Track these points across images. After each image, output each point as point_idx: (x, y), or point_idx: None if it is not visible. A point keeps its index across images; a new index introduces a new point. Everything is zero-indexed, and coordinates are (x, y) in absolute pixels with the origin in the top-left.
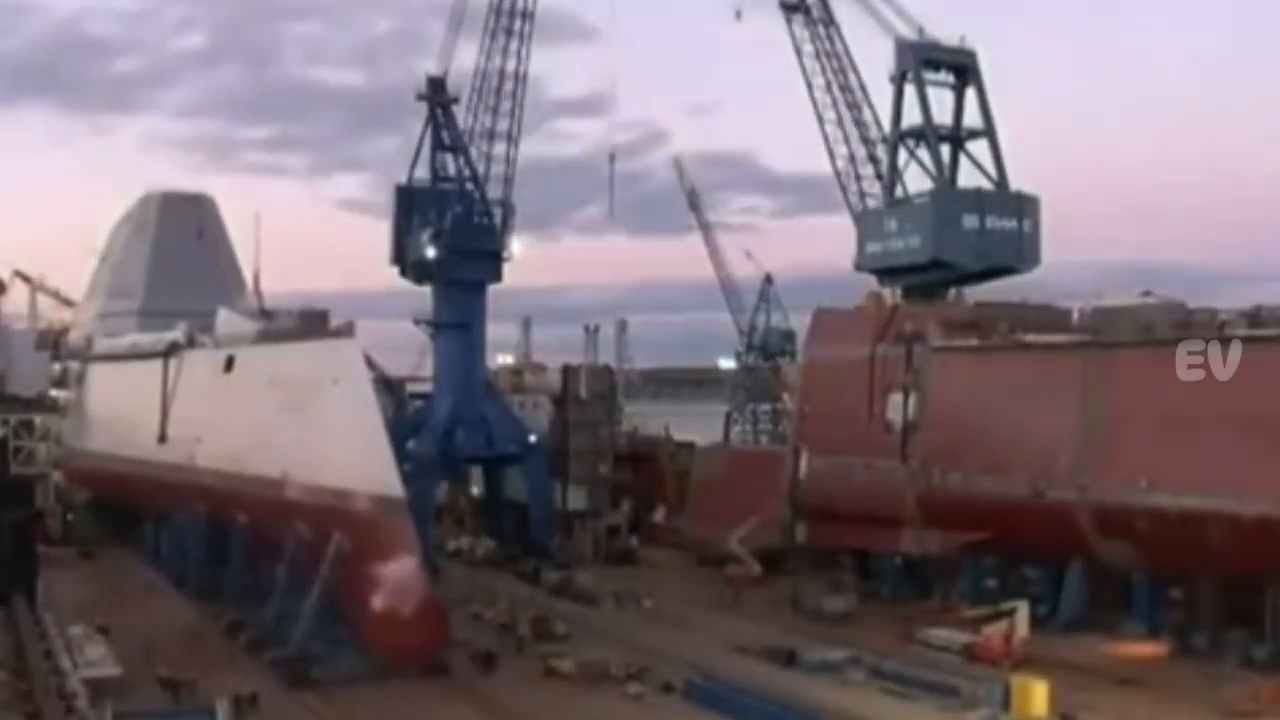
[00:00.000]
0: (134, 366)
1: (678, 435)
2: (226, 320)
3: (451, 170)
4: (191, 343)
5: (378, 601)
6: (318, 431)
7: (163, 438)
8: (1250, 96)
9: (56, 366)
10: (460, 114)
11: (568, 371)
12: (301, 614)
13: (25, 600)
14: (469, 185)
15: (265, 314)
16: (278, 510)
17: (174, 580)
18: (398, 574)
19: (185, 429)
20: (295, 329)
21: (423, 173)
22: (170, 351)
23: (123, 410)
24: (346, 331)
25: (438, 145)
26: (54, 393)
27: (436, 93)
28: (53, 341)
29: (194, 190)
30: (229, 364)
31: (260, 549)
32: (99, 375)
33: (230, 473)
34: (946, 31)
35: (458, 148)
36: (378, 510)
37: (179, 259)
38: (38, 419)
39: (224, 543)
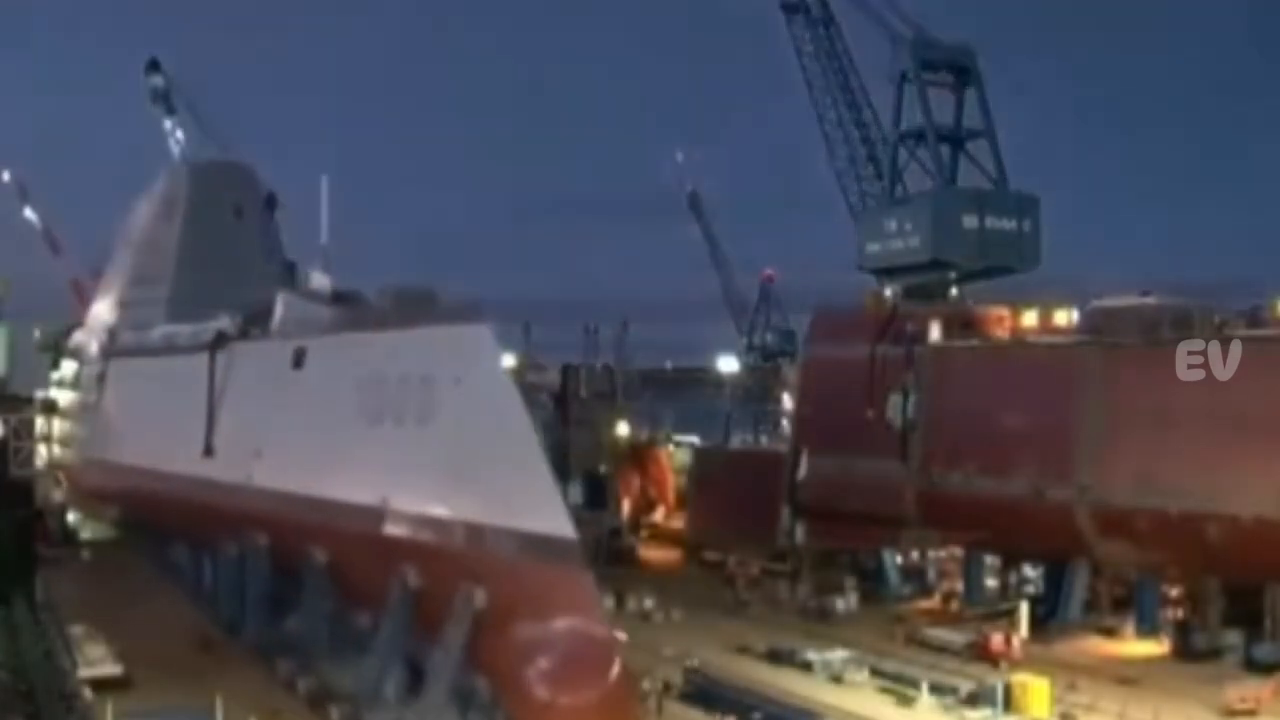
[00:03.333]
0: (170, 363)
1: (677, 435)
2: (290, 306)
3: None
4: (244, 334)
5: (542, 685)
6: (434, 447)
7: (209, 450)
8: None
9: (68, 367)
10: None
11: (568, 371)
12: (425, 695)
13: (25, 600)
14: None
15: (341, 298)
16: (374, 548)
17: (225, 625)
18: (572, 646)
19: (239, 439)
20: (391, 313)
21: None
22: (217, 344)
23: (155, 415)
24: (472, 314)
25: None
26: (56, 393)
27: None
28: (55, 341)
29: (228, 159)
30: (298, 359)
31: (346, 595)
32: (123, 374)
33: (302, 497)
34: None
35: None
36: (535, 555)
37: (214, 240)
38: (39, 420)
39: (292, 584)
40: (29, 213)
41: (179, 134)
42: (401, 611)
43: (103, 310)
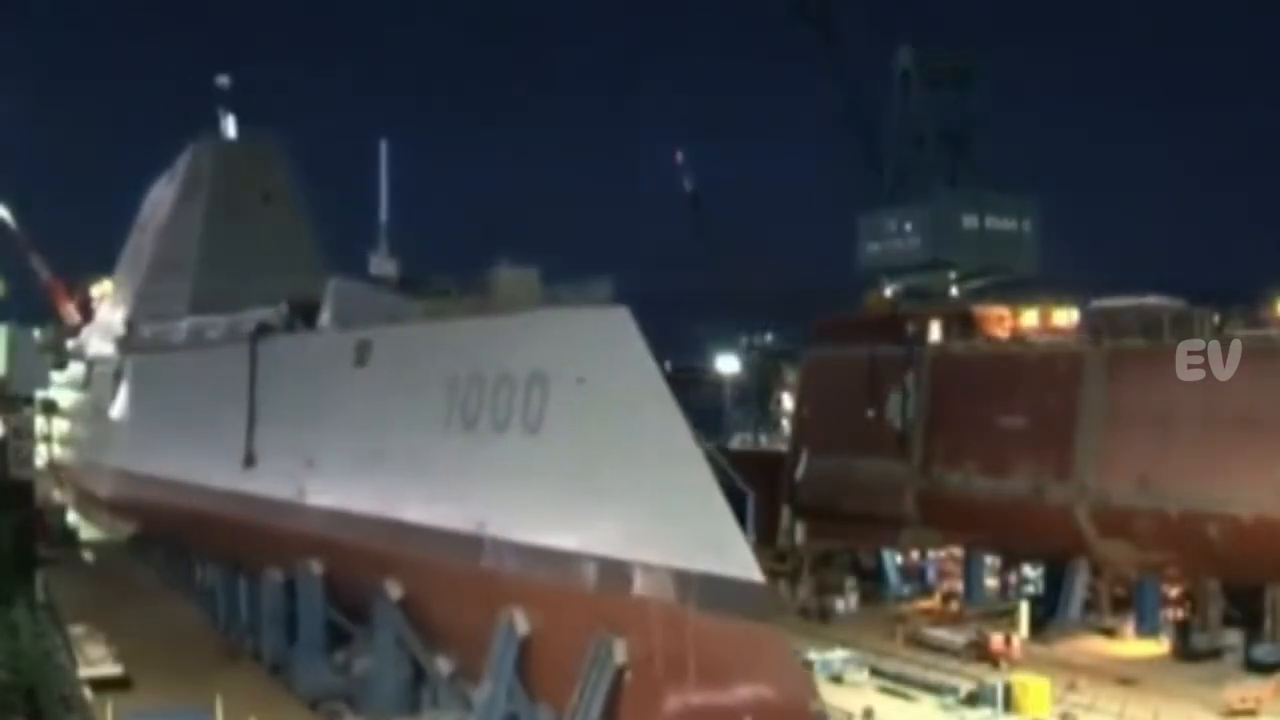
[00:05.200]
0: (201, 359)
1: None
2: (346, 293)
3: None
4: (291, 325)
5: None
6: (551, 461)
7: (250, 460)
8: None
9: (77, 367)
10: None
11: None
12: None
13: (25, 600)
14: None
15: (408, 283)
16: (467, 582)
17: (269, 663)
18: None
19: (286, 449)
20: (485, 298)
21: None
22: (259, 337)
23: (182, 419)
24: (600, 294)
25: None
26: (63, 394)
27: None
28: (56, 341)
29: (252, 137)
30: (362, 354)
31: (429, 637)
32: (144, 371)
33: (370, 518)
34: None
35: None
36: (706, 603)
37: (243, 223)
38: (39, 420)
39: (356, 620)
40: (2, 211)
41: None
42: (506, 663)
43: (117, 303)
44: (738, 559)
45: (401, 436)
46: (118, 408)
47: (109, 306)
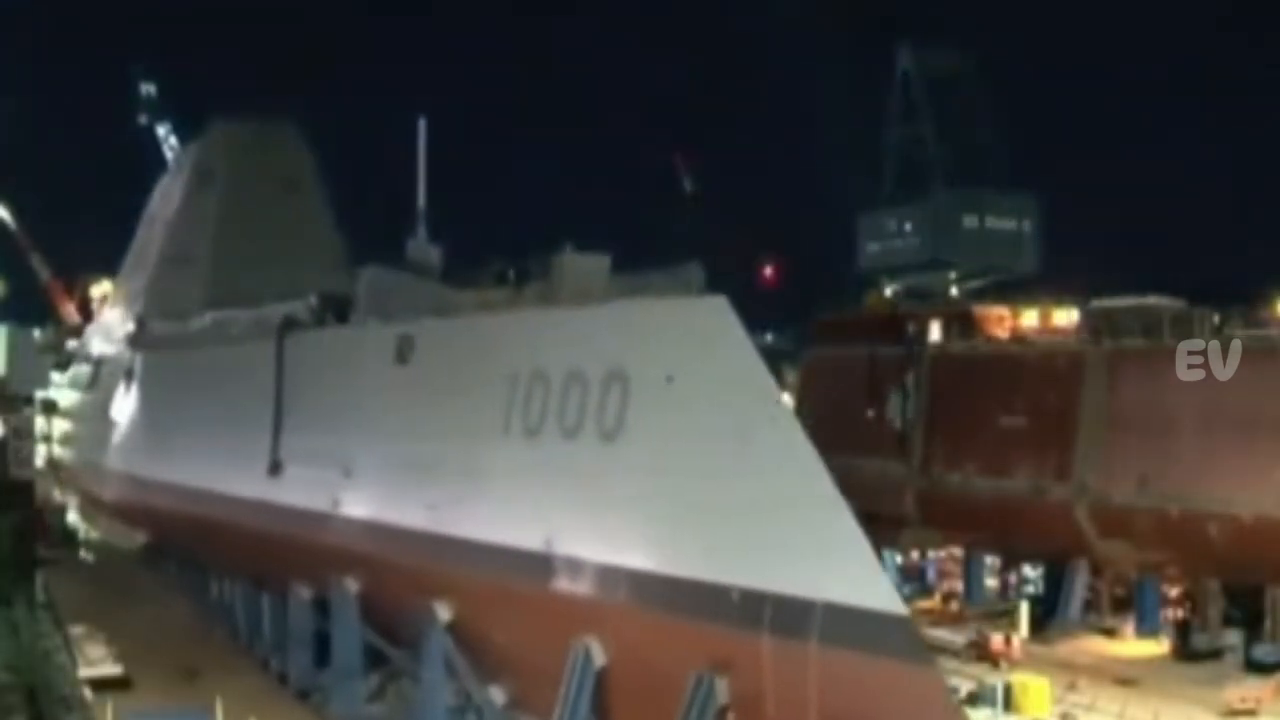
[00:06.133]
0: (221, 356)
1: None
2: (381, 283)
3: None
4: (321, 319)
5: None
6: (633, 471)
7: (275, 466)
8: None
9: (83, 366)
10: None
11: None
12: None
13: (25, 600)
14: None
15: (453, 273)
16: (533, 607)
17: (296, 686)
18: None
19: (318, 454)
20: (542, 288)
21: None
22: (286, 332)
23: (200, 420)
24: (690, 279)
25: None
26: (65, 394)
27: None
28: (57, 341)
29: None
30: (404, 350)
31: (483, 664)
32: (156, 369)
33: (415, 531)
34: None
35: None
36: (833, 638)
37: (259, 215)
38: (39, 420)
39: (395, 643)
40: (2, 212)
41: (173, 140)
42: (581, 700)
43: (126, 299)
44: (872, 585)
45: (451, 442)
46: (127, 408)
47: (116, 303)
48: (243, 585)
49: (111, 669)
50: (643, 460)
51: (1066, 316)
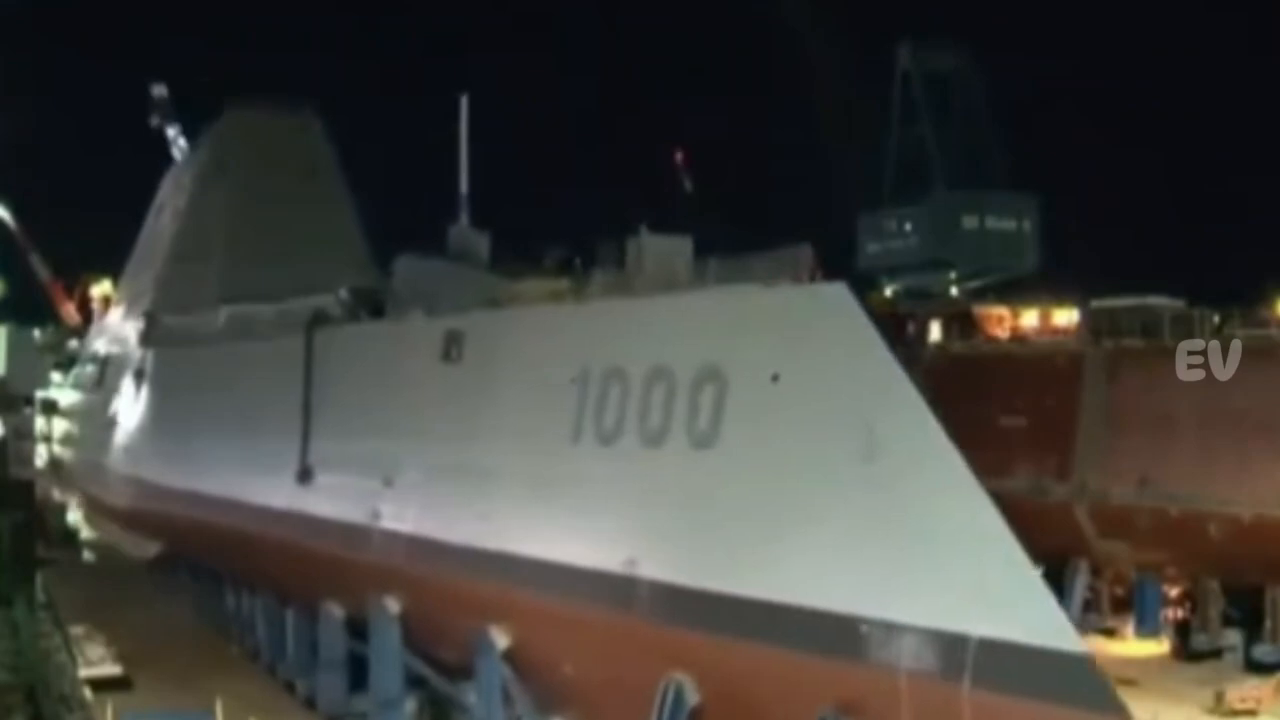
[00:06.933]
0: (243, 353)
1: None
2: (418, 274)
3: None
4: (354, 314)
5: None
6: (733, 485)
7: (305, 474)
8: None
9: (89, 365)
10: None
11: None
12: None
13: (25, 600)
14: None
15: (502, 263)
16: (610, 636)
17: (326, 712)
18: None
19: (353, 461)
20: (615, 276)
21: None
22: (316, 327)
23: (219, 423)
24: (804, 266)
25: None
26: (67, 395)
27: None
28: (57, 342)
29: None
30: (451, 346)
31: (545, 695)
32: (170, 369)
33: (466, 548)
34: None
35: None
36: (992, 680)
37: (277, 206)
38: (39, 420)
39: (440, 669)
40: (2, 212)
41: (182, 142)
42: None
43: (133, 294)
44: (1042, 620)
45: (510, 449)
46: (138, 409)
47: (123, 299)
48: (264, 600)
49: (111, 669)
50: (743, 471)
51: (1066, 316)
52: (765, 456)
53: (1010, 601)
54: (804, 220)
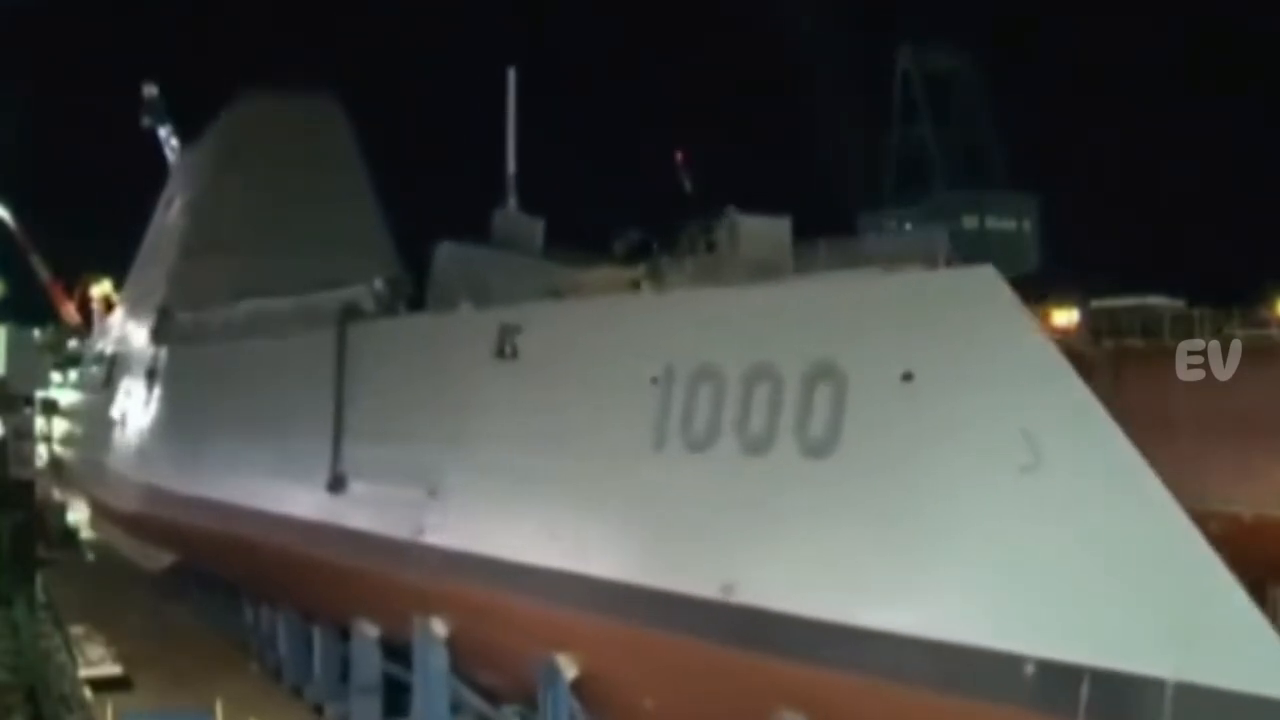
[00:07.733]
0: (266, 351)
1: None
2: (462, 262)
3: None
4: (391, 306)
5: None
6: (855, 500)
7: (337, 482)
8: None
9: (94, 367)
10: None
11: None
12: None
13: (25, 600)
14: None
15: (557, 249)
16: (703, 668)
17: None
18: None
19: (393, 469)
20: (701, 261)
21: None
22: (348, 321)
23: (241, 426)
24: (935, 249)
25: None
26: (68, 396)
27: None
28: (57, 342)
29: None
30: (506, 341)
31: None
32: (186, 367)
33: (523, 566)
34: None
35: None
36: None
37: (294, 195)
38: (39, 421)
39: (494, 697)
40: (2, 212)
41: (174, 142)
42: None
43: (142, 290)
44: (1259, 660)
45: (577, 457)
46: (149, 411)
47: (131, 295)
48: (287, 615)
49: (111, 669)
50: (868, 483)
51: (1066, 316)
52: (896, 466)
53: (1217, 639)
54: (804, 220)
